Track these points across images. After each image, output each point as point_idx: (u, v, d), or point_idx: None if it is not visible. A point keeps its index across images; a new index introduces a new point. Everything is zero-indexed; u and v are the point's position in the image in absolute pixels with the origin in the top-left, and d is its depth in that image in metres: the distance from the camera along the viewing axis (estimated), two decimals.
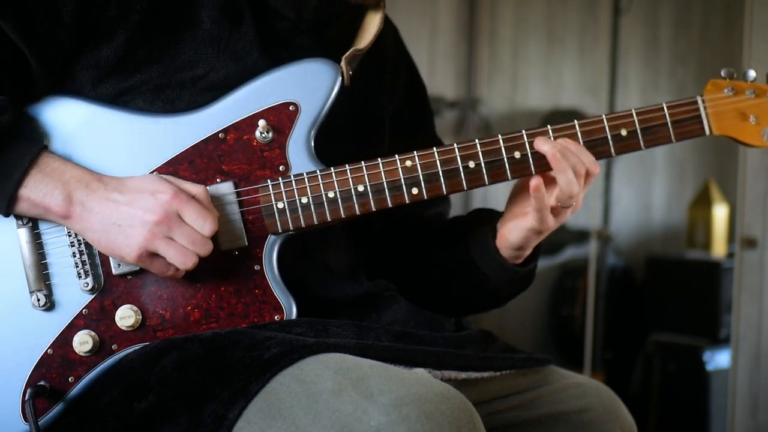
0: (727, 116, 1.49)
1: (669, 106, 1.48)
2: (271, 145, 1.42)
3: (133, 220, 1.32)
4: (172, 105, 1.42)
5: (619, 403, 1.56)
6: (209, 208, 1.36)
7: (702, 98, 1.49)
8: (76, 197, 1.33)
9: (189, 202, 1.34)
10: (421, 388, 1.18)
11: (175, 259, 1.33)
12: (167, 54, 1.42)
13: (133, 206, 1.33)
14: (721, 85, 1.50)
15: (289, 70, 1.43)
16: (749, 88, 1.50)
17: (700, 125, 1.49)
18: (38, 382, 1.37)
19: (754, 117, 1.49)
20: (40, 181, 1.33)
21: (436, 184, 1.43)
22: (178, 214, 1.33)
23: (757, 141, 1.50)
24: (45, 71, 1.39)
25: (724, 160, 4.98)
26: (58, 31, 1.38)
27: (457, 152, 1.43)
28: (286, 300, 1.41)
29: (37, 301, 1.38)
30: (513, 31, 4.67)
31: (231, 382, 1.26)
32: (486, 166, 1.44)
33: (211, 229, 1.34)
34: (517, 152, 1.44)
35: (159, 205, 1.32)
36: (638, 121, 1.47)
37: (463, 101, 4.52)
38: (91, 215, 1.33)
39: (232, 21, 1.45)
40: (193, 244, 1.33)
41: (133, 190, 1.34)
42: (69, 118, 1.40)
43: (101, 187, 1.34)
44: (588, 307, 4.15)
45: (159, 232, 1.32)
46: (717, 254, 4.64)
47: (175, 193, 1.33)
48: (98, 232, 1.34)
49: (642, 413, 4.16)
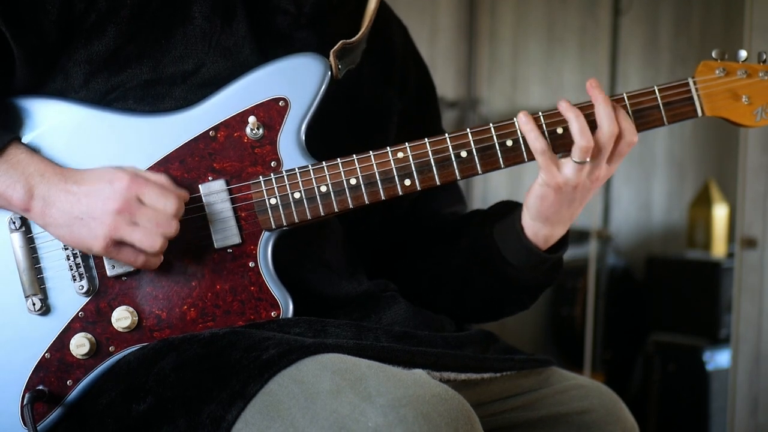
0: (719, 97, 1.48)
1: (660, 88, 1.46)
2: (262, 141, 1.41)
3: (93, 212, 1.31)
4: (162, 101, 1.41)
5: (621, 404, 1.55)
6: (170, 188, 1.35)
7: (693, 79, 1.48)
8: (37, 192, 1.33)
9: (147, 184, 1.33)
10: (418, 390, 1.18)
11: (143, 243, 1.32)
12: (158, 49, 1.41)
13: (92, 197, 1.32)
14: (712, 66, 1.49)
15: (278, 65, 1.43)
16: (740, 68, 1.49)
17: (692, 107, 1.47)
18: (36, 387, 1.37)
19: (746, 97, 1.48)
20: (4, 172, 1.33)
21: (428, 175, 1.42)
22: (138, 198, 1.32)
23: (749, 121, 1.48)
24: (27, 60, 1.38)
25: (724, 160, 4.98)
26: (42, 18, 1.37)
27: (448, 142, 1.43)
28: (283, 296, 1.40)
29: (33, 305, 1.37)
30: (513, 31, 4.67)
31: (229, 384, 1.25)
32: (478, 155, 1.43)
33: (174, 207, 1.33)
34: (508, 140, 1.43)
35: (117, 192, 1.31)
36: (630, 105, 1.45)
37: (463, 101, 4.52)
38: (53, 210, 1.33)
39: (224, 17, 1.45)
40: (157, 225, 1.32)
41: (91, 181, 1.33)
42: (56, 121, 1.40)
43: (61, 181, 1.33)
44: (588, 307, 4.15)
45: (121, 219, 1.31)
46: (717, 254, 4.64)
47: (132, 178, 1.32)
48: (62, 227, 1.33)
49: (642, 413, 4.16)
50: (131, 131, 1.40)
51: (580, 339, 4.21)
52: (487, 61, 4.58)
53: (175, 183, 1.38)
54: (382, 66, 1.60)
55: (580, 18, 4.82)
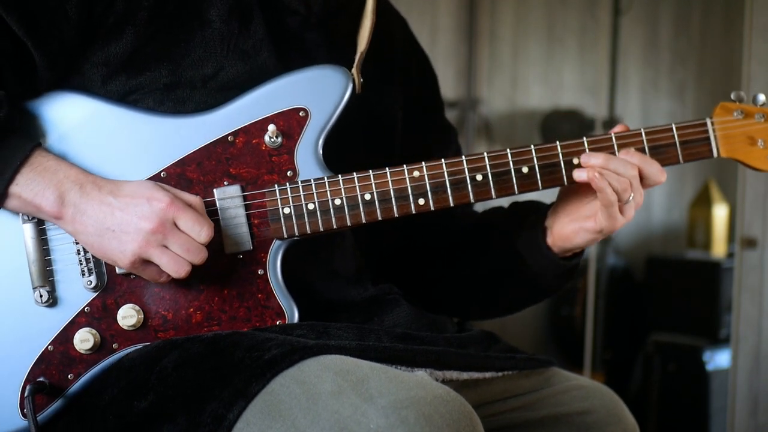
0: (735, 140, 1.50)
1: (678, 126, 1.48)
2: (280, 150, 1.41)
3: (127, 227, 1.32)
4: (182, 105, 1.41)
5: (622, 405, 1.55)
6: (204, 216, 1.36)
7: (711, 120, 1.49)
8: (68, 198, 1.33)
9: (185, 210, 1.33)
10: (420, 391, 1.18)
11: (169, 267, 1.33)
12: (176, 52, 1.42)
13: (128, 212, 1.32)
14: (730, 108, 1.51)
15: (301, 75, 1.43)
16: (758, 112, 1.51)
17: (708, 147, 1.49)
18: (38, 378, 1.37)
19: (762, 141, 1.50)
20: (32, 179, 1.32)
21: (443, 196, 1.43)
22: (173, 222, 1.32)
23: (764, 165, 1.51)
24: (49, 65, 1.38)
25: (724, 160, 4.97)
26: (62, 25, 1.38)
27: (465, 164, 1.43)
28: (289, 305, 1.41)
29: (40, 297, 1.37)
30: (513, 31, 4.68)
31: (231, 383, 1.26)
32: (493, 179, 1.43)
33: (207, 236, 1.33)
34: (524, 167, 1.44)
35: (154, 213, 1.32)
36: (646, 141, 1.47)
37: (463, 101, 4.52)
38: (84, 218, 1.33)
39: (242, 20, 1.45)
40: (187, 252, 1.32)
41: (129, 195, 1.33)
42: (76, 115, 1.40)
43: (95, 190, 1.34)
44: (588, 307, 4.15)
45: (154, 240, 1.32)
46: (717, 254, 4.64)
47: (172, 201, 1.32)
48: (92, 236, 1.33)
49: (642, 413, 4.16)
50: (151, 130, 1.40)
51: (580, 339, 4.21)
52: (487, 61, 4.58)
53: (191, 185, 1.39)
54: (382, 68, 1.60)
55: (580, 18, 4.82)
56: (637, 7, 4.62)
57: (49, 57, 1.38)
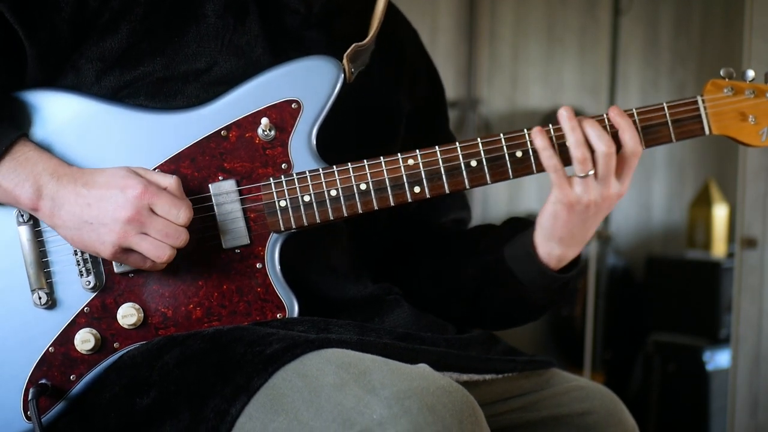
0: (726, 116, 1.49)
1: (669, 105, 1.48)
2: (274, 143, 1.41)
3: (104, 218, 1.31)
4: (174, 98, 1.41)
5: (622, 406, 1.55)
6: (182, 197, 1.35)
7: (702, 98, 1.49)
8: (45, 192, 1.33)
9: (159, 194, 1.32)
10: (423, 382, 1.18)
11: (150, 253, 1.32)
12: (170, 47, 1.42)
13: (103, 203, 1.31)
14: (720, 85, 1.50)
15: (291, 67, 1.43)
16: (748, 88, 1.50)
17: (700, 125, 1.48)
18: (39, 381, 1.37)
19: (753, 117, 1.49)
20: (12, 170, 1.33)
21: (438, 183, 1.43)
22: (149, 208, 1.32)
23: (755, 141, 1.50)
24: (39, 57, 1.38)
25: (724, 160, 4.98)
26: (54, 16, 1.38)
27: (459, 151, 1.43)
28: (288, 298, 1.41)
29: (39, 299, 1.37)
30: (513, 31, 4.68)
31: (233, 378, 1.26)
32: (488, 164, 1.44)
33: (186, 218, 1.33)
34: (518, 151, 1.44)
35: (129, 201, 1.31)
36: (639, 120, 1.46)
37: (463, 101, 4.52)
38: (62, 212, 1.33)
39: (237, 16, 1.45)
40: (167, 236, 1.32)
41: (103, 186, 1.32)
42: (68, 114, 1.40)
43: (71, 182, 1.33)
44: (588, 307, 4.15)
45: (131, 228, 1.31)
46: (717, 254, 4.64)
47: (145, 187, 1.32)
48: (71, 229, 1.33)
49: (642, 413, 4.16)
50: (143, 127, 1.40)
51: (580, 339, 4.21)
52: (487, 61, 4.58)
53: (185, 181, 1.38)
54: (391, 68, 1.61)
55: (580, 18, 4.82)
56: (637, 7, 4.62)
57: (40, 48, 1.38)
